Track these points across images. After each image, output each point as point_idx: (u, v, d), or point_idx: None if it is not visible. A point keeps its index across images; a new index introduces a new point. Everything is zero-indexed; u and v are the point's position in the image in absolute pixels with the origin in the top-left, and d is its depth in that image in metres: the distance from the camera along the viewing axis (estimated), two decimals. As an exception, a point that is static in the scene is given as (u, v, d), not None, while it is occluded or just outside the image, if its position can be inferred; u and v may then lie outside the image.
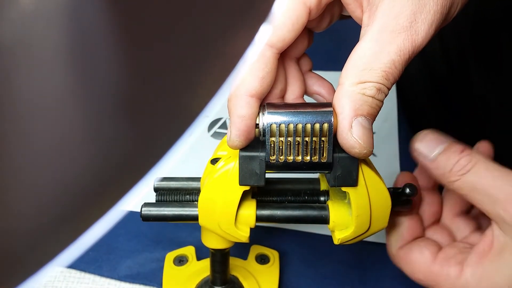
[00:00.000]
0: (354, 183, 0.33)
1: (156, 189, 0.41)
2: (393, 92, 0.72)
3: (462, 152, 0.35)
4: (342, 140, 0.31)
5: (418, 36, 0.31)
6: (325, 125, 0.32)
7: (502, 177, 0.34)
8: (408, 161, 0.59)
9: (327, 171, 0.34)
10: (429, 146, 0.36)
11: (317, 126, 0.32)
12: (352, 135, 0.31)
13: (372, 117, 0.31)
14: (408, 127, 0.69)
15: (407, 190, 0.37)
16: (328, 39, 0.84)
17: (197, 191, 0.39)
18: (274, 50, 0.32)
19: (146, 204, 0.37)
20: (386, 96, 0.32)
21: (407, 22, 0.31)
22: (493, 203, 0.34)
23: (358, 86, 0.31)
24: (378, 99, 0.31)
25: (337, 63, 0.79)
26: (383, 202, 0.35)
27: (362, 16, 0.33)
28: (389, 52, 0.31)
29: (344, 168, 0.33)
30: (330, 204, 0.36)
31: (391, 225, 0.40)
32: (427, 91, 0.75)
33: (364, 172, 0.34)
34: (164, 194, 0.39)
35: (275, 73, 0.33)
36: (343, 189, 0.34)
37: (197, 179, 0.41)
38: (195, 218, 0.36)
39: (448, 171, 0.35)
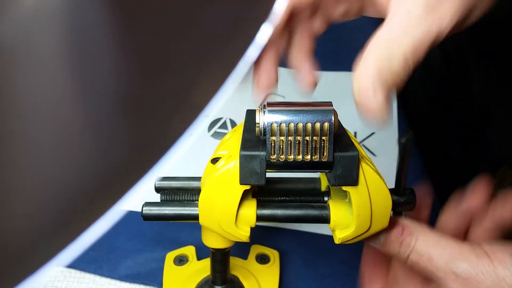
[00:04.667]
0: (354, 182, 0.33)
1: (157, 189, 0.41)
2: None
3: (402, 234, 0.37)
4: (364, 101, 0.30)
5: (443, 22, 0.32)
6: (326, 124, 0.32)
7: (437, 244, 0.36)
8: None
9: (327, 170, 0.33)
10: (374, 236, 0.37)
11: (318, 125, 0.32)
12: (374, 96, 0.30)
13: (394, 87, 0.31)
14: (408, 127, 0.69)
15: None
16: (328, 39, 0.84)
17: (197, 191, 0.39)
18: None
19: (147, 204, 0.37)
20: (406, 78, 0.32)
21: (431, 8, 0.31)
22: (436, 269, 0.36)
23: (386, 53, 0.31)
24: (402, 74, 0.31)
25: (337, 63, 0.79)
26: (384, 202, 0.35)
27: (388, 6, 0.34)
28: (414, 34, 0.31)
29: (344, 167, 0.33)
30: (330, 203, 0.36)
31: None
32: (426, 91, 0.75)
33: (365, 171, 0.34)
34: (169, 194, 0.39)
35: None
36: (344, 188, 0.34)
37: (198, 179, 0.41)
38: (195, 217, 0.36)
39: (397, 253, 0.37)
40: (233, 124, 0.67)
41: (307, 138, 0.32)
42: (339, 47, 0.80)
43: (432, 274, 0.36)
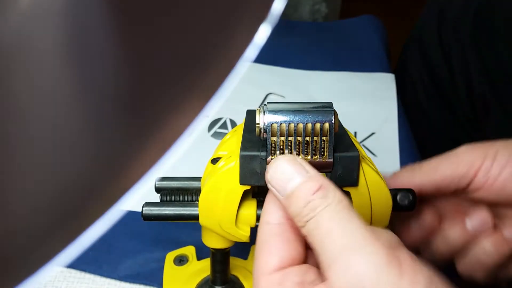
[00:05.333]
0: (355, 182, 0.33)
1: (157, 189, 0.41)
2: (393, 92, 0.72)
3: (316, 192, 0.28)
4: None
5: None
6: (326, 125, 0.32)
7: (347, 222, 0.27)
8: (408, 160, 0.59)
9: (328, 171, 0.33)
10: (283, 180, 0.30)
11: (318, 125, 0.32)
12: None
13: None
14: (408, 127, 0.69)
15: (405, 202, 0.37)
16: (328, 39, 0.84)
17: (197, 191, 0.39)
18: None
19: (147, 204, 0.37)
20: None
21: None
22: (324, 254, 0.27)
23: None
24: None
25: (337, 63, 0.79)
26: (384, 202, 0.35)
27: None
28: None
29: (345, 167, 0.33)
30: (330, 203, 0.36)
31: None
32: (427, 91, 0.75)
33: (365, 172, 0.34)
34: (168, 194, 0.39)
35: None
36: (344, 189, 0.34)
37: (198, 179, 0.41)
38: (195, 217, 0.36)
39: (298, 214, 0.28)
40: (233, 124, 0.67)
41: (308, 138, 0.32)
42: (339, 47, 0.80)
43: (320, 257, 0.27)
